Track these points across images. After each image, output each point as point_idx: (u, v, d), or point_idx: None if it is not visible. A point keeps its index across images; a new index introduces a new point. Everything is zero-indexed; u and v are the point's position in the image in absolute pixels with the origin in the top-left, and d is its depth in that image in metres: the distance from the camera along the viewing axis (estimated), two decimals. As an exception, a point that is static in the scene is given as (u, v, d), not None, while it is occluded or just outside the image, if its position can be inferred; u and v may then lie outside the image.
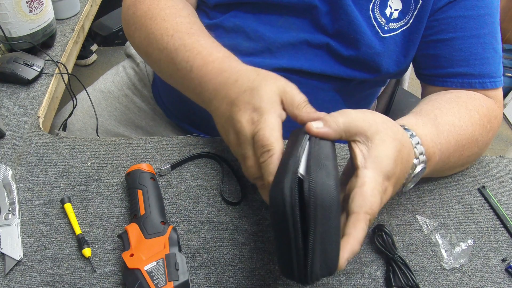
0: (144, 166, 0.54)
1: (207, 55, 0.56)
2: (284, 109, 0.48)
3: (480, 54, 0.64)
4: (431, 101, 0.62)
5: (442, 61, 0.66)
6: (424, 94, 0.73)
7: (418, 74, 0.72)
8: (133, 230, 0.48)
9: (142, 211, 0.50)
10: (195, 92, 0.56)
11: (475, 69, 0.64)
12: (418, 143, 0.51)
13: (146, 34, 0.61)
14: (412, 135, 0.51)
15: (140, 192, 0.51)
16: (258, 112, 0.47)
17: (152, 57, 0.61)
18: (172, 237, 0.47)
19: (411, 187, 0.52)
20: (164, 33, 0.59)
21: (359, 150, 0.45)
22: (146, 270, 0.44)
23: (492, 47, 0.64)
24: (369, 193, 0.42)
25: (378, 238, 0.53)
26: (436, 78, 0.68)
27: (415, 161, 0.50)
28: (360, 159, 0.45)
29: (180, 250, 0.47)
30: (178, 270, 0.44)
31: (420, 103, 0.63)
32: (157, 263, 0.45)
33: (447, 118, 0.57)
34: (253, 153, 0.46)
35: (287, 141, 0.48)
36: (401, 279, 0.49)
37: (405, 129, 0.51)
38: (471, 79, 0.65)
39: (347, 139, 0.47)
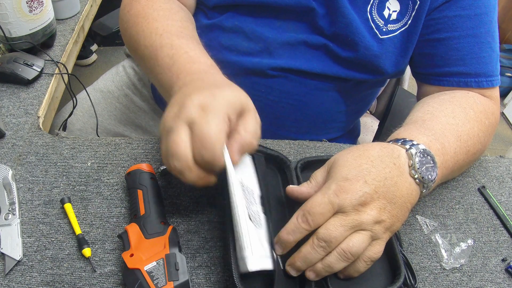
0: (144, 166, 0.54)
1: (195, 56, 0.55)
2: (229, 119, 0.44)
3: (477, 53, 0.64)
4: (423, 107, 0.62)
5: (438, 60, 0.66)
6: (419, 93, 0.73)
7: (414, 72, 0.73)
8: (133, 230, 0.48)
9: (142, 211, 0.50)
10: (168, 85, 0.54)
11: (471, 68, 0.64)
12: (398, 139, 0.52)
13: (136, 31, 0.61)
14: (391, 141, 0.52)
15: (140, 192, 0.51)
16: (206, 107, 0.43)
17: (138, 54, 0.62)
18: (172, 237, 0.47)
19: (431, 178, 0.48)
20: (153, 32, 0.59)
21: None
22: (146, 270, 0.44)
23: (489, 46, 0.64)
24: (312, 198, 0.45)
25: None
26: (432, 77, 0.68)
27: (408, 149, 0.49)
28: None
29: (180, 250, 0.47)
30: (178, 270, 0.44)
31: (412, 111, 0.63)
32: (157, 263, 0.45)
33: (438, 120, 0.57)
34: (187, 134, 0.42)
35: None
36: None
37: (393, 140, 0.52)
38: (467, 78, 0.65)
39: None
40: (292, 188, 0.51)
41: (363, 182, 0.45)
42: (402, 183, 0.47)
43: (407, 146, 0.49)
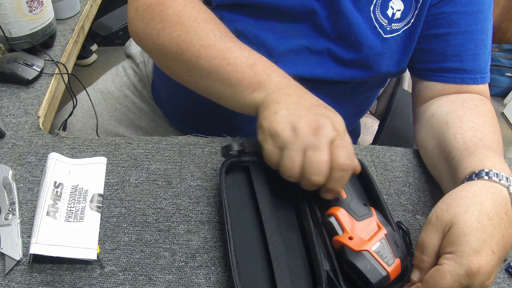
0: None
1: (270, 61, 0.57)
2: None
3: (473, 50, 0.64)
4: (463, 122, 0.59)
5: (435, 55, 0.66)
6: (415, 89, 0.73)
7: (411, 68, 0.72)
8: (342, 214, 0.49)
9: (344, 195, 0.51)
10: (251, 82, 0.54)
11: (467, 64, 0.65)
12: (487, 171, 0.49)
13: (183, 31, 0.58)
14: (490, 174, 0.49)
15: None
16: (339, 129, 0.50)
17: (186, 55, 0.58)
18: (379, 217, 0.49)
19: None
20: (211, 33, 0.57)
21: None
22: (374, 251, 0.46)
23: (483, 43, 0.65)
24: (438, 273, 0.42)
25: None
26: (429, 72, 0.68)
27: (507, 186, 0.48)
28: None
29: (393, 229, 0.49)
30: (399, 247, 0.47)
31: (451, 126, 0.60)
32: (380, 243, 0.46)
33: (491, 137, 0.56)
34: (329, 152, 0.48)
35: None
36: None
37: (482, 173, 0.49)
38: (463, 74, 0.65)
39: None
40: (417, 274, 0.46)
41: (492, 253, 0.42)
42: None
43: (505, 183, 0.48)
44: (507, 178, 0.48)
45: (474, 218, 0.44)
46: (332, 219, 0.49)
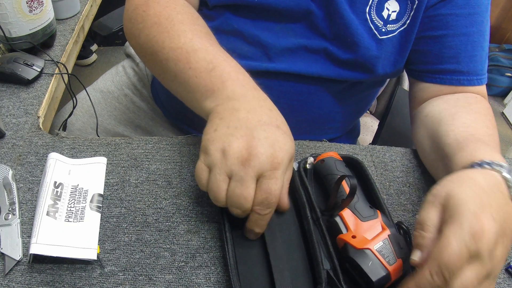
0: (334, 154, 0.56)
1: (236, 66, 0.54)
2: None
3: (469, 52, 0.65)
4: (454, 119, 0.59)
5: (432, 57, 0.67)
6: (412, 89, 0.73)
7: (408, 69, 0.73)
8: (347, 214, 0.50)
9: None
10: (206, 89, 0.52)
11: (463, 66, 0.65)
12: (479, 162, 0.48)
13: (158, 32, 0.58)
14: (482, 164, 0.48)
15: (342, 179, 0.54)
16: (275, 162, 0.46)
17: (158, 56, 0.58)
18: (384, 219, 0.50)
19: None
20: (182, 35, 0.56)
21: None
22: (376, 249, 0.46)
23: (480, 45, 0.65)
24: (442, 242, 0.40)
25: None
26: (426, 74, 0.69)
27: (500, 172, 0.47)
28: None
29: (396, 230, 0.49)
30: (402, 248, 0.47)
31: (443, 125, 0.60)
32: (383, 243, 0.47)
33: (483, 131, 0.57)
34: (254, 187, 0.45)
35: None
36: None
37: (474, 166, 0.49)
38: (459, 76, 0.66)
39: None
40: (417, 254, 0.43)
41: (492, 220, 0.40)
42: (510, 211, 0.44)
43: (497, 169, 0.47)
44: (498, 165, 0.47)
45: (469, 189, 0.43)
46: (337, 219, 0.50)
